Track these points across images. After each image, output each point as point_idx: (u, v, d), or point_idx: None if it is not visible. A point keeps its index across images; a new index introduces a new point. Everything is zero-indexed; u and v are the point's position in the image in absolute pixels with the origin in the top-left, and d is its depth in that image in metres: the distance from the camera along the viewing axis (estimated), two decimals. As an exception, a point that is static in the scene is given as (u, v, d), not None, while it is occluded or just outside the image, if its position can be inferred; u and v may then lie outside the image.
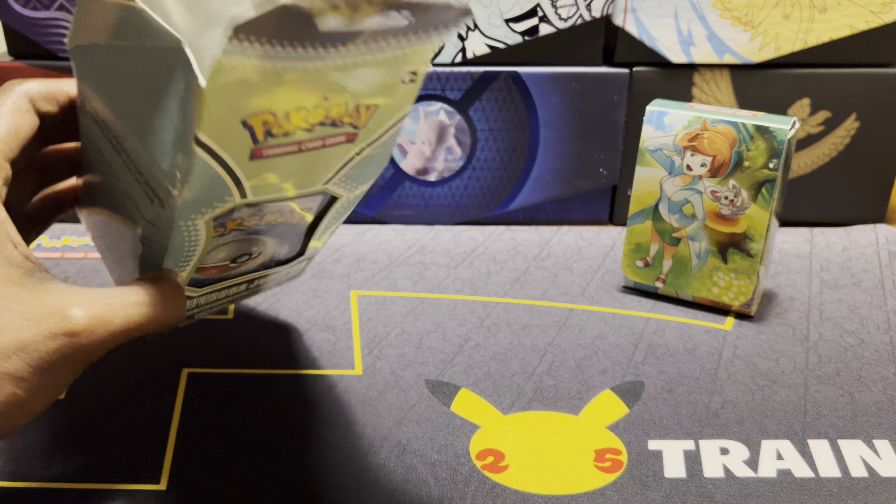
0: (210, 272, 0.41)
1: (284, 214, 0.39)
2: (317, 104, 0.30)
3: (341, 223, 0.44)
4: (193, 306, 0.42)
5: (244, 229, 0.38)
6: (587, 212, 0.68)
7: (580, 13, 0.61)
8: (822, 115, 0.64)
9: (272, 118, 0.30)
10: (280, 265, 0.44)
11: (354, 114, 0.33)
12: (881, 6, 0.60)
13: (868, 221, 0.68)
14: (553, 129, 0.64)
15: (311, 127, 0.31)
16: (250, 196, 0.33)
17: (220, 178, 0.31)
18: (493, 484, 0.38)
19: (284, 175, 0.34)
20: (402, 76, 0.32)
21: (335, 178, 0.36)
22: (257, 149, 0.30)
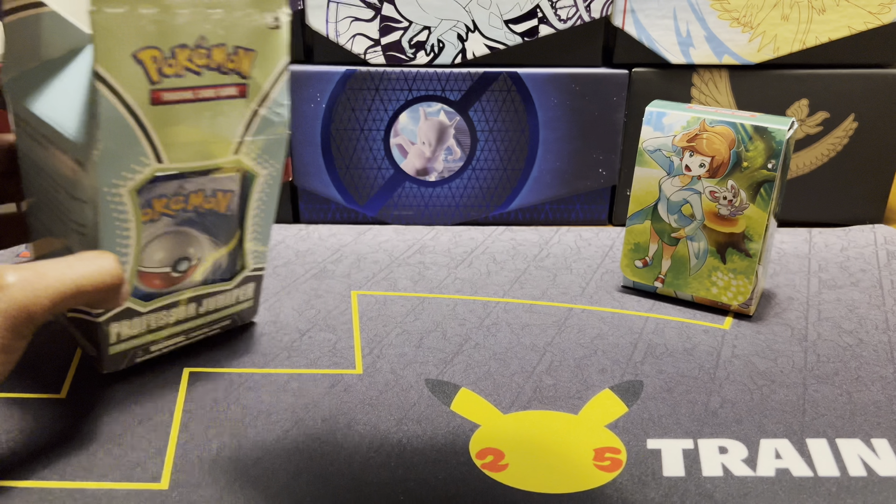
0: (153, 282, 0.42)
1: (209, 198, 0.41)
2: (197, 42, 0.35)
3: (272, 223, 0.45)
4: (145, 328, 0.43)
5: (173, 216, 0.40)
6: (586, 212, 0.68)
7: (579, 14, 0.61)
8: (820, 115, 0.64)
9: (159, 53, 0.34)
10: (225, 283, 0.45)
11: (235, 57, 0.37)
12: (879, 7, 0.60)
13: (866, 222, 0.68)
14: (552, 129, 0.65)
15: (199, 70, 0.36)
16: (166, 160, 0.37)
17: (128, 125, 0.34)
18: (492, 483, 0.38)
19: (190, 131, 0.37)
20: (266, 21, 0.38)
21: (244, 147, 0.40)
22: (155, 90, 0.35)
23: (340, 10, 0.61)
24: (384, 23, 0.61)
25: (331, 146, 0.65)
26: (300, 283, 0.57)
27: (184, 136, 0.37)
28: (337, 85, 0.63)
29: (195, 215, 0.41)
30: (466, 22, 0.61)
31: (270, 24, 0.38)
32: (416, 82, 0.63)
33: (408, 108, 0.64)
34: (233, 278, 0.45)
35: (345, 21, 0.61)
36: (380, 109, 0.64)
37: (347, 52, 0.62)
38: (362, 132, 0.64)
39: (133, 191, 0.37)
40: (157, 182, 0.38)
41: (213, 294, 0.45)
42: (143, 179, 0.37)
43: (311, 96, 0.63)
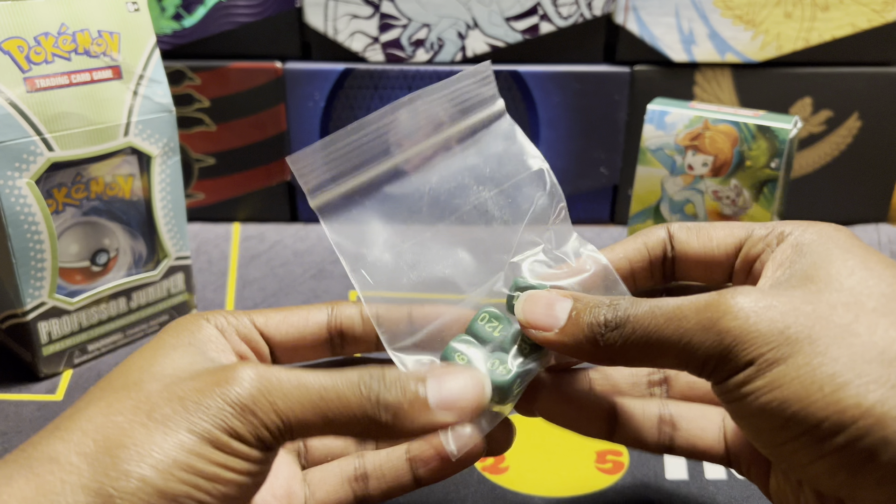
0: (75, 278, 0.44)
1: (111, 185, 0.43)
2: (59, 29, 0.39)
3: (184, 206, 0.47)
4: (77, 327, 0.44)
5: (78, 205, 0.42)
6: (588, 211, 0.68)
7: (581, 11, 0.61)
8: (824, 114, 0.64)
9: (24, 43, 0.37)
10: (150, 274, 0.46)
11: (101, 41, 0.40)
12: (883, 5, 0.60)
13: (870, 221, 0.68)
14: (554, 128, 0.64)
15: (67, 55, 0.39)
16: (57, 147, 0.39)
17: (10, 115, 0.37)
18: (492, 485, 0.37)
19: (75, 117, 0.40)
20: (125, 5, 0.41)
21: (132, 128, 0.42)
22: (28, 78, 0.38)
23: (339, 8, 0.60)
24: (383, 20, 0.61)
25: (330, 145, 0.64)
26: (298, 283, 0.57)
27: (70, 123, 0.39)
28: (335, 83, 0.62)
29: (101, 203, 0.43)
30: (466, 19, 0.61)
31: (130, 10, 0.42)
32: (415, 80, 0.62)
33: (407, 106, 0.63)
34: (157, 268, 0.46)
35: (343, 18, 0.61)
36: (379, 107, 0.63)
37: (346, 50, 0.62)
38: (362, 131, 0.64)
39: (31, 182, 0.39)
40: (53, 171, 0.40)
41: (140, 287, 0.46)
42: (39, 170, 0.39)
43: (309, 94, 0.62)
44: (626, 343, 0.24)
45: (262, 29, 0.61)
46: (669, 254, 0.28)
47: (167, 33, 0.60)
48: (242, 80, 0.62)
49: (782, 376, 0.21)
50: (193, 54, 0.61)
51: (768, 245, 0.26)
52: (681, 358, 0.23)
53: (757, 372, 0.22)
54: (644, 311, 0.23)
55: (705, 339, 0.22)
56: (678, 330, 0.23)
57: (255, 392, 0.22)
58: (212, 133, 0.63)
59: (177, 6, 0.59)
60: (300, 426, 0.23)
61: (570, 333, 0.25)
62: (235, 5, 0.60)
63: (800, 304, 0.22)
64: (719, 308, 0.22)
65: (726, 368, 0.22)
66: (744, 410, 0.22)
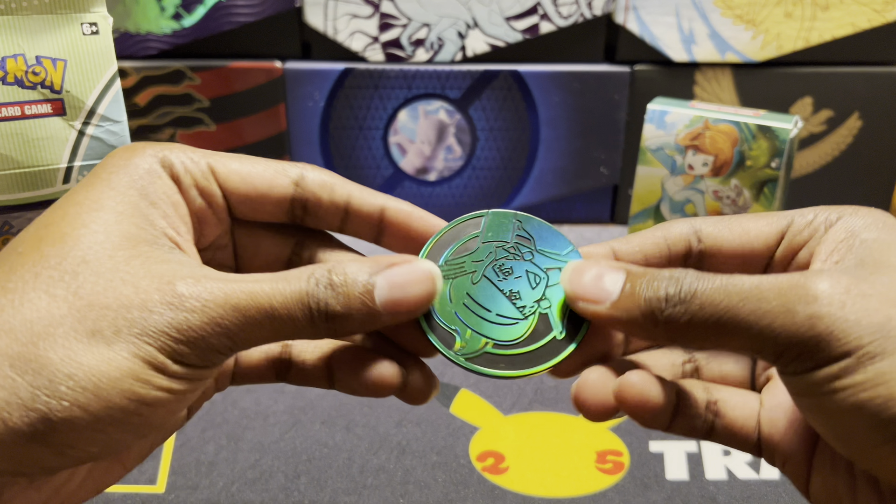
0: None
1: None
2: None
3: None
4: None
5: None
6: (588, 211, 0.68)
7: (581, 11, 0.61)
8: (824, 113, 0.64)
9: None
10: None
11: (41, 70, 0.33)
12: (884, 4, 0.60)
13: (870, 221, 0.68)
14: (554, 127, 0.64)
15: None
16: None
17: None
18: (493, 486, 0.37)
19: (3, 157, 0.33)
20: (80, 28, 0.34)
21: (75, 174, 0.35)
22: None
23: (339, 7, 0.60)
24: (383, 20, 0.61)
25: (329, 145, 0.64)
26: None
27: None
28: (335, 82, 0.62)
29: None
30: (466, 19, 0.61)
31: (86, 32, 0.34)
32: (415, 80, 0.62)
33: (407, 106, 0.63)
34: None
35: (343, 18, 0.61)
36: (379, 107, 0.63)
37: (346, 50, 0.62)
38: (361, 130, 0.64)
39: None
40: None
41: None
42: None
43: (309, 94, 0.62)
44: (691, 320, 0.21)
45: (262, 29, 0.61)
46: (696, 249, 0.26)
47: (167, 33, 0.60)
48: (242, 80, 0.62)
49: (889, 372, 0.19)
50: (193, 54, 0.61)
51: (815, 231, 0.24)
52: (756, 342, 0.21)
53: (857, 365, 0.20)
54: (715, 286, 0.21)
55: (791, 324, 0.20)
56: (756, 311, 0.21)
57: (207, 318, 0.21)
58: (212, 133, 0.63)
59: (176, 6, 0.59)
60: (247, 342, 0.22)
61: (625, 308, 0.22)
62: (235, 5, 0.60)
63: (894, 293, 0.20)
64: (808, 292, 0.20)
65: (815, 358, 0.20)
66: (832, 406, 0.20)
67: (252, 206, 0.26)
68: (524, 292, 0.26)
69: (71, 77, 0.34)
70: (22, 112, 0.33)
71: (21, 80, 0.33)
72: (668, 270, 0.22)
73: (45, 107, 0.34)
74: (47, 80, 0.34)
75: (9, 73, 0.33)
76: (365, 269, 0.23)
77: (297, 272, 0.22)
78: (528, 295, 0.26)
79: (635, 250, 0.26)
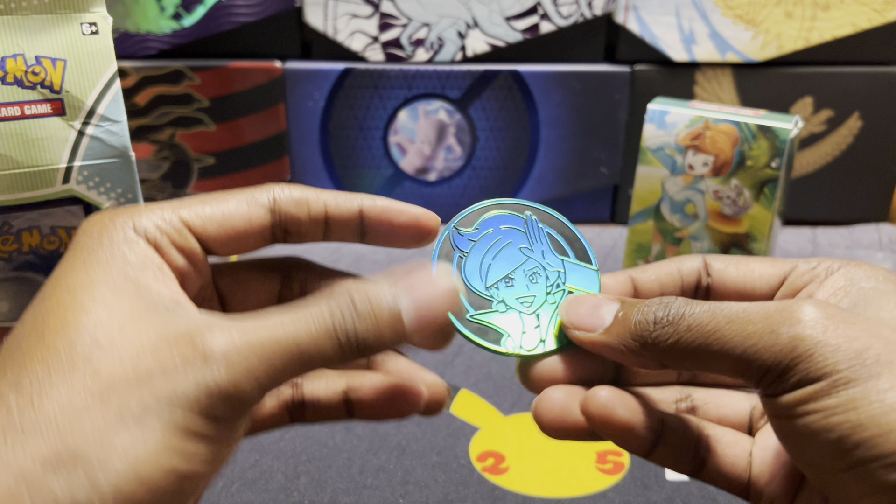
0: None
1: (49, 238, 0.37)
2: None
3: None
4: None
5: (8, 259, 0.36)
6: (588, 211, 0.68)
7: (581, 11, 0.61)
8: (824, 113, 0.64)
9: None
10: None
11: (40, 70, 0.33)
12: (884, 4, 0.60)
13: (871, 221, 0.68)
14: (554, 127, 0.64)
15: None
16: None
17: None
18: (493, 486, 0.37)
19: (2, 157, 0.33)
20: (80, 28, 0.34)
21: (75, 174, 0.35)
22: None
23: (339, 7, 0.60)
24: (383, 20, 0.60)
25: (329, 144, 0.64)
26: (299, 282, 0.56)
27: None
28: (335, 82, 0.62)
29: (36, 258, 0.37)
30: (466, 19, 0.61)
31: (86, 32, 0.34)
32: (415, 80, 0.62)
33: (407, 105, 0.63)
34: None
35: (343, 18, 0.60)
36: (378, 107, 0.63)
37: (346, 50, 0.62)
38: (361, 130, 0.64)
39: None
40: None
41: None
42: None
43: (309, 94, 0.62)
44: (678, 341, 0.22)
45: (262, 28, 0.61)
46: (704, 282, 0.27)
47: (167, 33, 0.60)
48: (242, 80, 0.61)
49: (860, 398, 0.20)
50: (193, 54, 0.61)
51: (816, 277, 0.25)
52: (740, 363, 0.21)
53: (830, 388, 0.20)
54: (703, 310, 0.22)
55: (773, 345, 0.21)
56: (741, 332, 0.21)
57: (235, 371, 0.20)
58: (212, 133, 0.63)
59: (176, 6, 0.59)
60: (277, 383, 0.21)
61: (616, 332, 0.23)
62: (235, 5, 0.60)
63: (879, 327, 0.21)
64: (793, 314, 0.21)
65: (793, 379, 0.21)
66: (804, 428, 0.21)
67: (233, 245, 0.25)
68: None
69: (71, 77, 0.34)
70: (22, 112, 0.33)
71: (21, 80, 0.33)
72: (659, 298, 0.23)
73: (44, 107, 0.34)
74: (47, 80, 0.34)
75: (8, 73, 0.33)
76: (387, 292, 0.22)
77: (316, 304, 0.22)
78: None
79: (652, 279, 0.27)
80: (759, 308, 0.22)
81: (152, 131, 0.63)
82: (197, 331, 0.21)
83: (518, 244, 0.27)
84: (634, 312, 0.23)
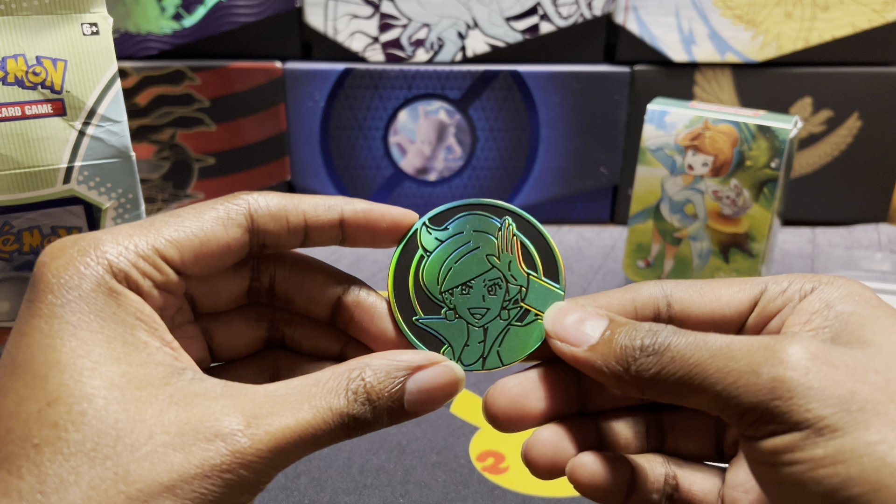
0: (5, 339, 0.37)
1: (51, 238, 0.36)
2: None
3: None
4: None
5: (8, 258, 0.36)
6: (588, 211, 0.68)
7: (581, 11, 0.61)
8: (824, 114, 0.64)
9: None
10: None
11: (41, 70, 0.33)
12: (883, 5, 0.60)
13: (870, 221, 0.68)
14: (554, 128, 0.64)
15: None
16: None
17: None
18: (493, 486, 0.37)
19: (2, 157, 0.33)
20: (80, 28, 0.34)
21: (75, 174, 0.35)
22: None
23: (339, 7, 0.60)
24: (383, 20, 0.61)
25: (329, 144, 0.64)
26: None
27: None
28: (335, 83, 0.62)
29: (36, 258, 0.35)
30: (466, 19, 0.61)
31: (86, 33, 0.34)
32: (415, 80, 0.62)
33: (407, 106, 0.63)
34: None
35: (343, 18, 0.61)
36: (379, 108, 0.63)
37: (346, 50, 0.62)
38: (361, 130, 0.64)
39: None
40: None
41: None
42: None
43: (309, 94, 0.62)
44: (660, 372, 0.21)
45: (262, 29, 0.61)
46: (664, 314, 0.25)
47: (167, 33, 0.60)
48: (242, 80, 0.62)
49: (849, 450, 0.18)
50: (193, 54, 0.61)
51: (789, 300, 0.24)
52: (719, 400, 0.21)
53: (816, 437, 0.19)
54: (688, 342, 0.21)
55: (754, 385, 0.20)
56: (723, 369, 0.20)
57: (260, 470, 0.20)
58: (212, 133, 0.63)
59: (177, 6, 0.59)
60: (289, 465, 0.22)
61: (601, 353, 0.23)
62: (235, 5, 0.60)
63: (864, 369, 0.20)
64: (776, 354, 0.20)
65: (773, 424, 0.20)
66: (788, 477, 0.19)
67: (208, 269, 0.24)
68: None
69: (71, 77, 0.34)
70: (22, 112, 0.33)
71: (21, 80, 0.33)
72: (649, 324, 0.23)
73: (45, 107, 0.34)
74: (47, 81, 0.34)
75: (9, 73, 0.33)
76: (395, 377, 0.23)
77: (333, 388, 0.22)
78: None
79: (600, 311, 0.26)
80: (744, 343, 0.21)
81: (153, 131, 0.63)
82: (221, 426, 0.20)
83: (486, 251, 0.26)
84: (621, 335, 0.23)
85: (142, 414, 0.20)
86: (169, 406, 0.20)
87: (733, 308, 0.25)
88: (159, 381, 0.21)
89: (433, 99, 0.63)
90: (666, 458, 0.26)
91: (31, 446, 0.19)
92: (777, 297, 0.24)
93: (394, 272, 0.26)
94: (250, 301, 0.27)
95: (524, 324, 0.25)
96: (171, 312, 0.24)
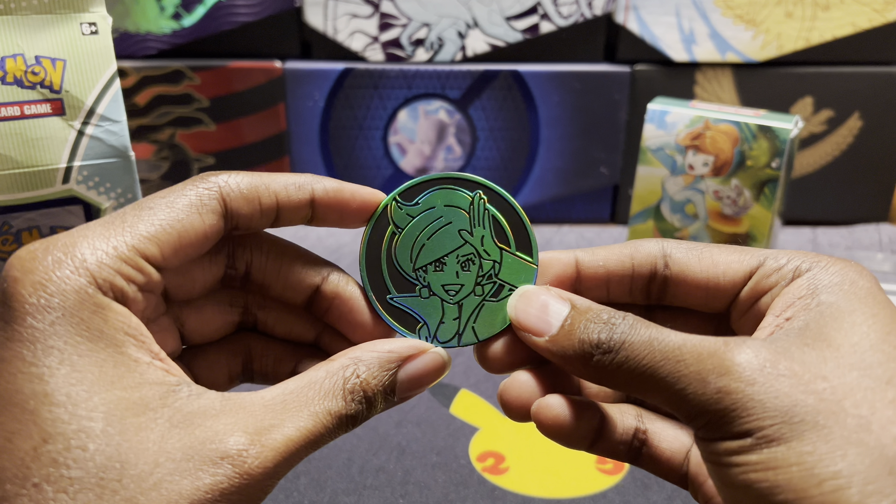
0: None
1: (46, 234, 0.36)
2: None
3: None
4: None
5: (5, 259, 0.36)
6: (588, 211, 0.68)
7: (581, 11, 0.61)
8: (825, 113, 0.64)
9: None
10: None
11: (40, 70, 0.33)
12: (884, 4, 0.60)
13: (871, 221, 0.68)
14: (554, 127, 0.64)
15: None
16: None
17: None
18: (493, 486, 0.37)
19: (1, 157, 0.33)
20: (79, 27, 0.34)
21: (74, 174, 0.35)
22: None
23: (339, 7, 0.60)
24: (383, 19, 0.60)
25: (329, 144, 0.64)
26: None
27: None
28: (335, 82, 0.62)
29: None
30: (466, 19, 0.61)
31: (86, 32, 0.34)
32: (415, 80, 0.62)
33: (407, 105, 0.63)
34: None
35: (343, 18, 0.60)
36: (378, 107, 0.63)
37: (346, 49, 0.61)
38: (361, 130, 0.64)
39: None
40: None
41: None
42: None
43: (309, 94, 0.62)
44: (616, 371, 0.22)
45: (262, 28, 0.61)
46: (661, 273, 0.25)
47: (167, 33, 0.60)
48: (242, 80, 0.61)
49: (781, 459, 0.19)
50: (193, 54, 0.61)
51: (782, 279, 0.23)
52: (671, 403, 0.21)
53: (753, 446, 0.20)
54: (642, 340, 0.22)
55: (701, 393, 0.20)
56: (674, 373, 0.21)
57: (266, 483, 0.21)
58: (211, 133, 0.63)
59: (176, 5, 0.59)
60: None
61: (561, 345, 0.23)
62: (235, 4, 0.60)
63: (812, 377, 0.20)
64: (723, 363, 0.20)
65: (719, 431, 0.20)
66: (727, 478, 0.20)
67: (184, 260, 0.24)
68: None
69: (70, 77, 0.34)
70: (21, 112, 0.33)
71: (20, 79, 0.33)
72: (608, 313, 0.23)
73: (44, 107, 0.34)
74: (47, 80, 0.34)
75: (8, 72, 0.33)
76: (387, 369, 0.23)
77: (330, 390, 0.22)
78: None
79: (599, 264, 0.26)
80: (695, 347, 0.21)
81: (152, 131, 0.63)
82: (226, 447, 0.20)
83: (459, 226, 0.26)
84: (580, 327, 0.23)
85: (144, 442, 0.19)
86: (170, 430, 0.20)
87: (728, 277, 0.25)
88: (156, 403, 0.20)
89: (433, 98, 0.63)
90: (640, 411, 0.26)
91: (31, 485, 0.18)
92: (772, 273, 0.24)
93: (365, 249, 0.26)
94: (223, 286, 0.26)
95: (499, 299, 0.25)
96: (150, 311, 0.23)
